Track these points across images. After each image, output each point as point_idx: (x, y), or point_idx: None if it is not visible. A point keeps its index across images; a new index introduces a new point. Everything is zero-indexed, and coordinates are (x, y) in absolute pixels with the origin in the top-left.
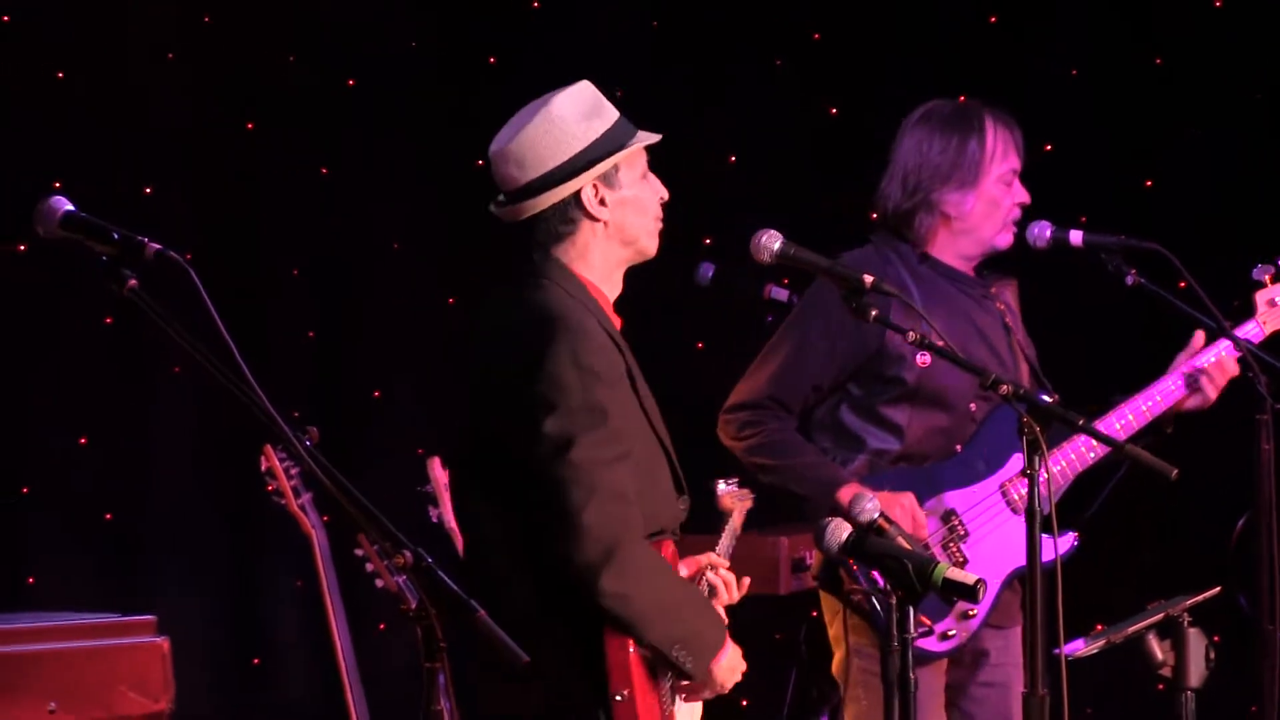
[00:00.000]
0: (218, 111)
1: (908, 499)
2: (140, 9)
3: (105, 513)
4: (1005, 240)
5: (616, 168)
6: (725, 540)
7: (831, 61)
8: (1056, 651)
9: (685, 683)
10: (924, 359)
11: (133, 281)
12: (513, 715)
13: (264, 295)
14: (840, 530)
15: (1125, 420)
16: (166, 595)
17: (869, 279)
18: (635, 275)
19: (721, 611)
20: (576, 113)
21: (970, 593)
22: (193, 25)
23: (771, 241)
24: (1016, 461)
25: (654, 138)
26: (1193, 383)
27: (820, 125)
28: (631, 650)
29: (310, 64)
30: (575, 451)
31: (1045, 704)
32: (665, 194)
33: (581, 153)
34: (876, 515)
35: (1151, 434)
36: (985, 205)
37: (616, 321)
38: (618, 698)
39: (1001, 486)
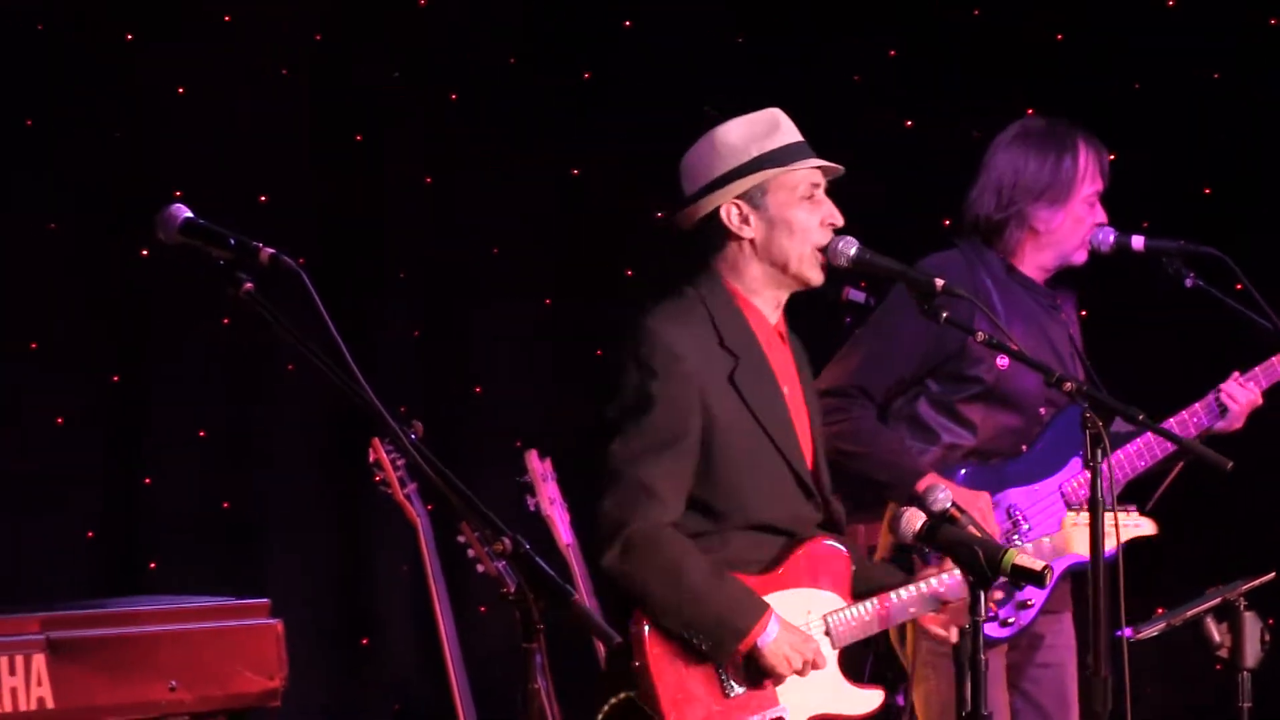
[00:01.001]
0: (329, 124)
1: (984, 499)
2: (256, 28)
3: (223, 502)
4: (1081, 257)
5: (764, 189)
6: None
7: (906, 78)
8: (1118, 634)
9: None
10: (1003, 362)
11: (248, 285)
12: (603, 675)
13: (372, 297)
14: (915, 519)
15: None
16: (280, 579)
17: (940, 282)
18: None
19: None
20: (742, 135)
21: (1038, 578)
22: (305, 43)
23: (848, 247)
24: (1075, 465)
25: (818, 163)
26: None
27: (895, 138)
28: (647, 628)
29: (416, 79)
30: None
31: (1108, 685)
32: (837, 220)
33: (730, 172)
34: (949, 505)
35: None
36: (1071, 222)
37: (766, 335)
38: (635, 664)
39: (1061, 487)
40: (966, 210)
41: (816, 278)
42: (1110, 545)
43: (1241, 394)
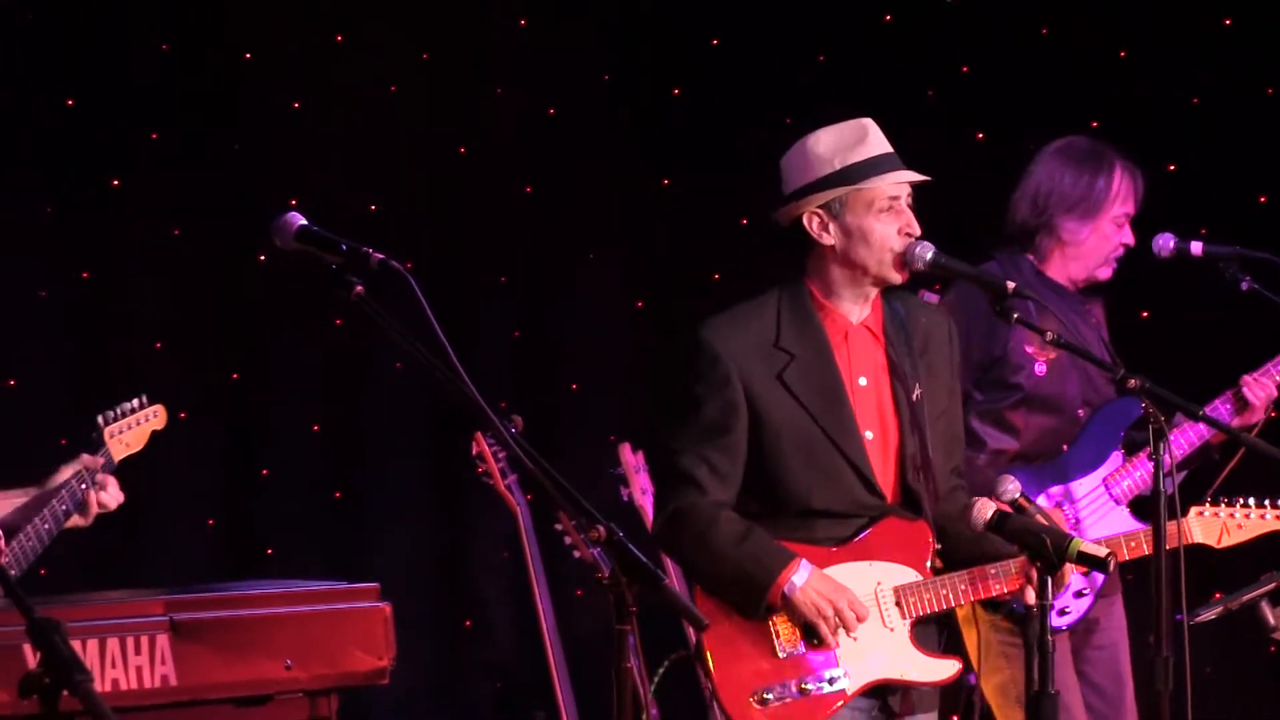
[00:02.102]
0: (434, 137)
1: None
2: (366, 47)
3: (335, 492)
4: (1106, 273)
5: (842, 202)
6: None
7: (978, 92)
8: (1179, 618)
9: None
10: (1040, 368)
11: (359, 288)
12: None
13: (475, 299)
14: (985, 509)
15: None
16: (388, 565)
17: (1011, 285)
18: None
19: (871, 575)
20: (829, 145)
21: (1102, 564)
22: (412, 61)
23: (925, 251)
24: (1116, 459)
25: (899, 177)
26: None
27: (967, 150)
28: (697, 591)
29: (516, 94)
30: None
31: (1170, 665)
32: (914, 230)
33: (814, 183)
34: (1018, 495)
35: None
36: (1098, 239)
37: (841, 334)
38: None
39: (1104, 480)
40: (1005, 215)
41: (896, 278)
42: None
43: (1259, 388)
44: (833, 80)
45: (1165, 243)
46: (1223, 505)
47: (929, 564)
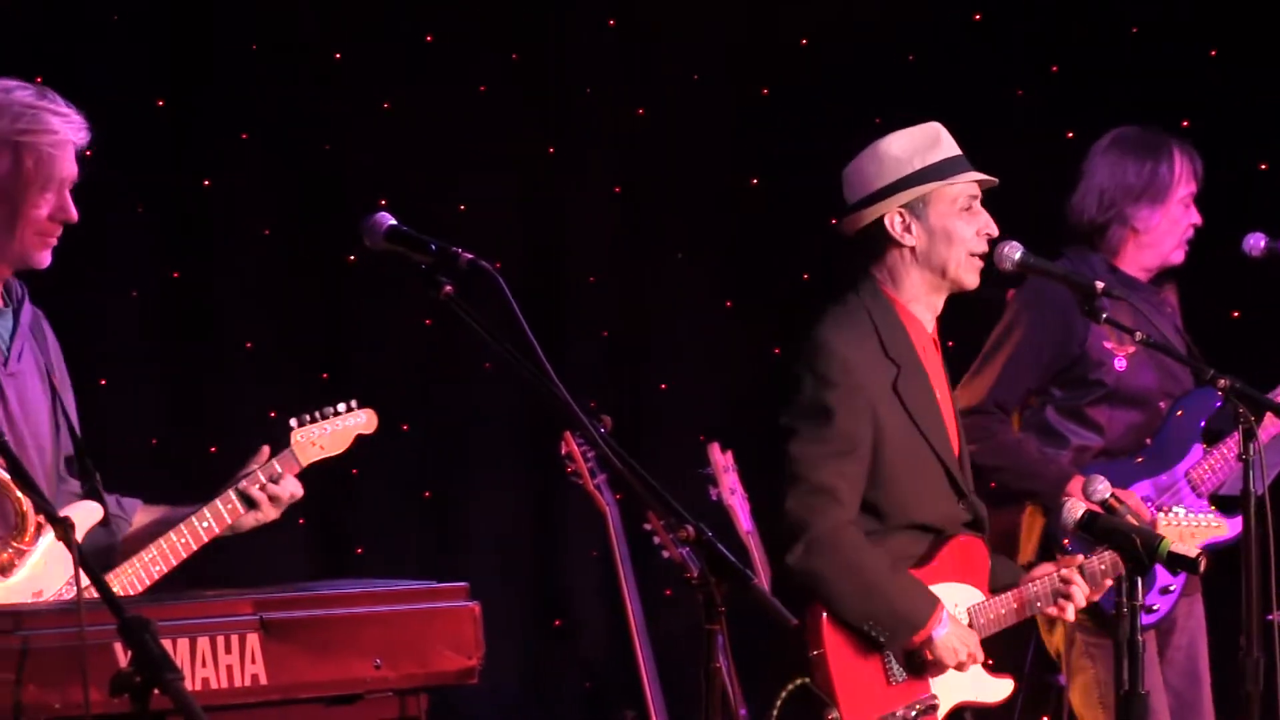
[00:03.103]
0: (523, 136)
1: (1133, 497)
2: (456, 46)
3: (424, 491)
4: (1179, 257)
5: (925, 200)
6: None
7: (1067, 91)
8: (1269, 618)
9: (928, 657)
10: (1121, 363)
11: (448, 288)
12: (780, 666)
13: (564, 299)
14: (1075, 509)
15: None
16: (477, 564)
17: (1100, 285)
18: None
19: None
20: (904, 147)
21: (1193, 564)
22: (502, 61)
23: (1013, 251)
24: (1197, 452)
25: (976, 177)
26: None
27: (1056, 148)
28: (824, 617)
29: (605, 94)
30: (792, 444)
31: (1260, 665)
32: (993, 231)
33: (894, 183)
34: (1108, 495)
35: None
36: (1168, 222)
37: (922, 342)
38: (814, 653)
39: (1186, 474)
40: (1069, 216)
41: (972, 282)
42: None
43: None
44: (922, 80)
45: (1256, 242)
46: None
47: (988, 582)
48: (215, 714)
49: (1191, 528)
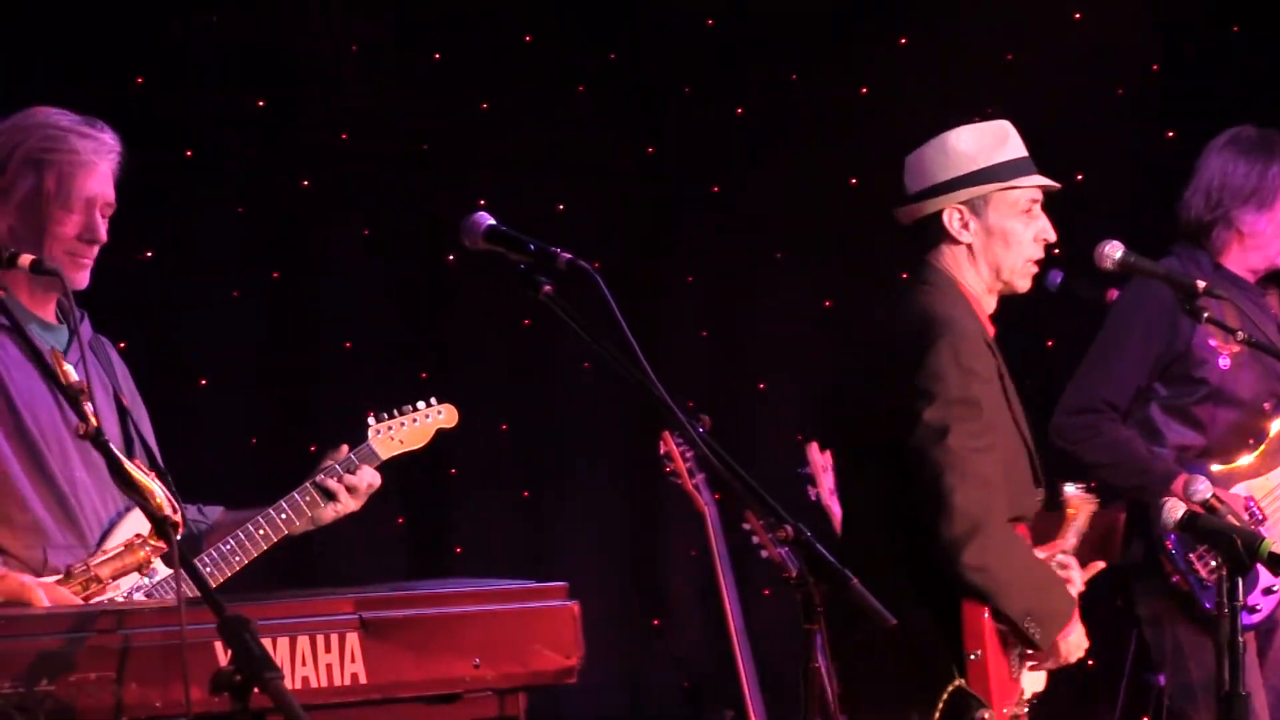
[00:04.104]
0: (622, 136)
1: (1237, 500)
2: (554, 47)
3: (523, 491)
4: None
5: (986, 200)
6: (1072, 539)
7: (1167, 91)
8: None
9: (1030, 652)
10: (1224, 362)
11: (547, 287)
12: (883, 672)
13: (662, 299)
14: (1175, 509)
15: None
16: (576, 563)
17: (1201, 284)
18: None
19: (1072, 592)
20: (971, 143)
21: None
22: (600, 61)
23: (1114, 250)
24: None
25: (1039, 181)
26: None
27: (1157, 147)
28: (986, 616)
29: (704, 94)
30: (951, 439)
31: None
32: (1050, 236)
33: (956, 179)
34: (1209, 495)
35: None
36: (1274, 228)
37: (989, 329)
38: (972, 656)
39: None
40: (1179, 212)
41: (1024, 287)
42: None
43: None
44: (1022, 78)
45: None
46: None
47: None
48: (314, 713)
49: None
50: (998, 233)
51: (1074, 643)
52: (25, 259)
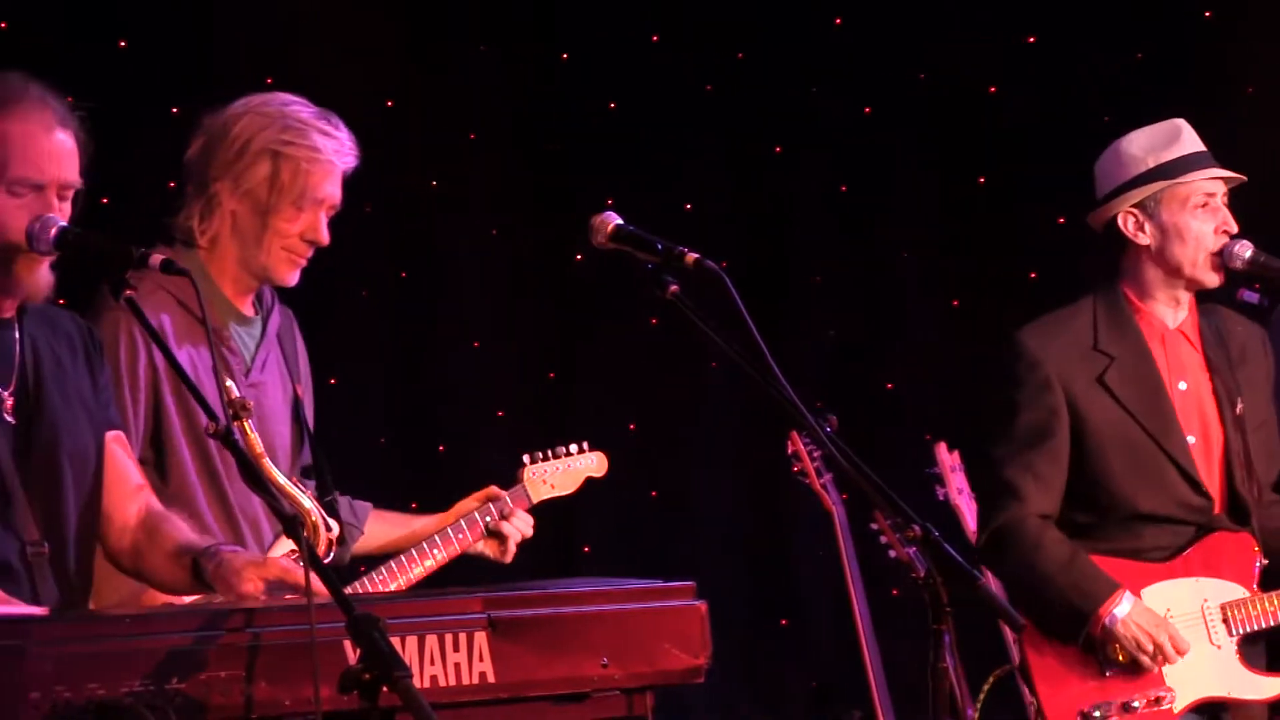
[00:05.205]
0: (749, 135)
1: None
2: (682, 46)
3: (651, 490)
4: None
5: (1156, 198)
6: None
7: None
8: None
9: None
10: None
11: (674, 287)
12: None
13: (790, 298)
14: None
15: None
16: (704, 563)
17: None
18: None
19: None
20: (1142, 145)
21: None
22: (728, 60)
23: (1244, 250)
24: None
25: (1211, 173)
26: None
27: None
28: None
29: (831, 93)
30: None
31: None
32: (1232, 228)
33: (1127, 182)
34: None
35: None
36: None
37: (1157, 337)
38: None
39: None
40: None
41: (1212, 280)
42: None
43: None
44: (1151, 77)
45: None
46: None
47: (1256, 579)
48: (443, 711)
49: None
50: (1171, 230)
51: (1128, 630)
52: (156, 258)
